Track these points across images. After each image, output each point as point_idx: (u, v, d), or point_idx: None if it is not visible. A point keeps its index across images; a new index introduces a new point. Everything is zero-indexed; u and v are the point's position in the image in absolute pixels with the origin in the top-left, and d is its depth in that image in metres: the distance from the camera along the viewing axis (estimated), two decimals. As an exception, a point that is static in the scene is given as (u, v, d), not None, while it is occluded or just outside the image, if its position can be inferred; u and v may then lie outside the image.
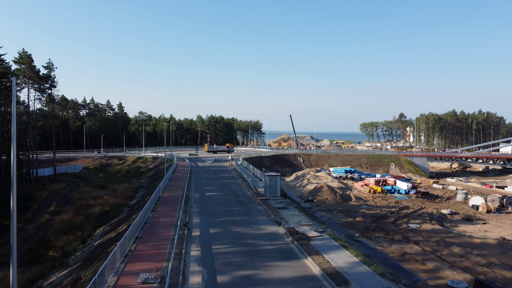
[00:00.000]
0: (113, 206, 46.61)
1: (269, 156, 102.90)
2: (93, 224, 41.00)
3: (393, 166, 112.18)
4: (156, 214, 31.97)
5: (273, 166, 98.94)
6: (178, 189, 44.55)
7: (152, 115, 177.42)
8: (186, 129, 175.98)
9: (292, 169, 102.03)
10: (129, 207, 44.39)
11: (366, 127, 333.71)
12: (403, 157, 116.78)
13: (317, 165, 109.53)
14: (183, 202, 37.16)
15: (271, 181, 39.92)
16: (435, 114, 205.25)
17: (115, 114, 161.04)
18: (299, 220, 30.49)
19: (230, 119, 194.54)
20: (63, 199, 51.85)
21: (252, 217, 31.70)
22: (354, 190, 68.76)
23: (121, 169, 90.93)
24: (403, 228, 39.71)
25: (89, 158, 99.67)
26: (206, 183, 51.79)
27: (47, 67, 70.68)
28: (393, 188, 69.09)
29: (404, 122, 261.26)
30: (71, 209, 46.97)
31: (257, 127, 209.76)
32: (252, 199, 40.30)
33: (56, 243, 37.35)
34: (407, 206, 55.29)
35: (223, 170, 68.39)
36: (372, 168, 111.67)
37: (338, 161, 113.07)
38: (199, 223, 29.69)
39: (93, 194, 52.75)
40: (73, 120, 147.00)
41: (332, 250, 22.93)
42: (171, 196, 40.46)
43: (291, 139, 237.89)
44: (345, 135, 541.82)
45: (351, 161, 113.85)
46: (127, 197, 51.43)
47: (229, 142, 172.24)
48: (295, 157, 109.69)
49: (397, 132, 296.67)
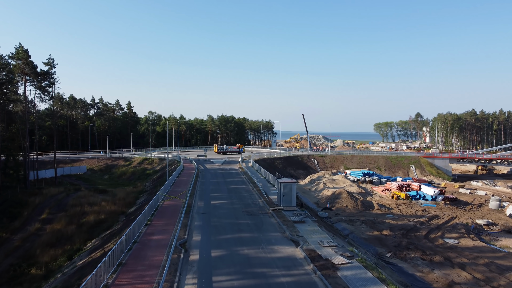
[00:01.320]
0: (109, 214, 42.05)
1: (281, 158, 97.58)
2: (85, 236, 36.44)
3: (413, 169, 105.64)
4: (150, 229, 27.07)
5: (286, 168, 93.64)
6: (181, 197, 39.67)
7: (162, 115, 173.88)
8: (196, 129, 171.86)
9: (306, 172, 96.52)
10: (127, 216, 39.73)
11: (380, 127, 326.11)
12: (424, 158, 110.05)
13: (332, 167, 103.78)
14: (183, 213, 32.22)
15: (285, 188, 34.70)
16: (454, 114, 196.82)
17: (124, 114, 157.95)
18: (321, 239, 25.22)
19: (241, 119, 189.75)
20: (58, 205, 47.59)
21: (264, 234, 26.55)
22: (375, 196, 62.94)
23: (127, 171, 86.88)
24: (440, 245, 33.99)
25: (95, 159, 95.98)
26: (213, 189, 46.82)
27: (48, 64, 66.75)
28: (418, 194, 63.05)
29: (421, 122, 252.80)
30: (65, 217, 42.59)
31: (268, 127, 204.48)
32: (263, 209, 35.15)
33: (41, 258, 32.90)
34: (436, 215, 49.37)
35: (232, 174, 63.39)
36: (390, 170, 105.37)
37: (355, 163, 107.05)
38: (199, 242, 24.67)
39: (90, 200, 48.36)
40: (82, 120, 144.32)
41: (367, 286, 17.61)
42: (171, 205, 35.60)
43: (303, 139, 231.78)
44: (358, 135, 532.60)
45: (368, 163, 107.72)
46: (126, 204, 46.85)
47: (240, 142, 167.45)
48: (309, 158, 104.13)
49: (413, 132, 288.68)
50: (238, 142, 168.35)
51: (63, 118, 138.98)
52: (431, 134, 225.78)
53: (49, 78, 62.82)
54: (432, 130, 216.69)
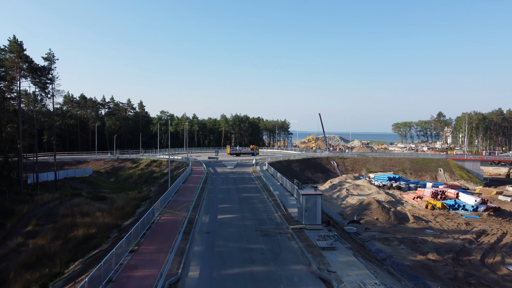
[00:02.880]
0: (101, 228, 36.26)
1: (298, 160, 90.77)
2: (69, 256, 30.65)
3: (441, 172, 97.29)
4: (135, 259, 20.90)
5: (303, 172, 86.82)
6: (182, 210, 33.50)
7: (174, 115, 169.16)
8: (209, 129, 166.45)
9: (325, 175, 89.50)
10: (120, 231, 33.80)
11: (399, 127, 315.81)
12: (453, 161, 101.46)
13: (353, 170, 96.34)
14: (182, 233, 25.98)
15: (308, 202, 28.09)
16: (479, 113, 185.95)
17: (136, 114, 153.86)
18: (360, 277, 18.54)
19: (256, 119, 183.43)
20: (48, 215, 42.17)
21: (283, 267, 20.04)
22: (407, 205, 55.54)
23: (133, 173, 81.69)
24: (506, 276, 26.79)
25: (101, 160, 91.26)
26: (222, 198, 40.54)
27: (47, 59, 61.95)
28: (456, 203, 55.36)
29: (443, 122, 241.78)
30: (52, 230, 37.05)
31: (284, 127, 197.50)
32: (281, 227, 28.63)
33: (13, 284, 27.30)
34: (484, 231, 41.81)
35: (245, 179, 57.04)
36: (417, 174, 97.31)
37: (377, 165, 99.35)
38: (197, 281, 18.32)
39: (84, 209, 42.80)
40: (93, 120, 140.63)
41: None
42: (169, 221, 29.43)
43: (319, 140, 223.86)
44: (375, 135, 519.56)
45: (392, 165, 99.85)
46: (124, 215, 41.04)
47: (254, 143, 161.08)
48: (328, 160, 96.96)
49: (432, 133, 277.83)
50: (253, 142, 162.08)
51: (73, 118, 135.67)
52: (454, 135, 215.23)
53: (46, 73, 57.71)
54: (455, 130, 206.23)
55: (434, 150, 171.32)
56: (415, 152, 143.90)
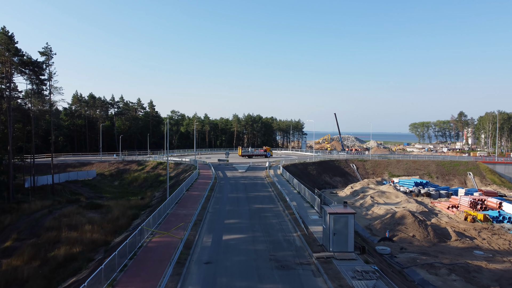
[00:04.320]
0: (87, 246, 30.72)
1: (315, 163, 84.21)
2: (41, 284, 25.15)
3: (471, 176, 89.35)
4: (103, 309, 15.08)
5: (321, 175, 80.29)
6: (179, 229, 27.65)
7: (185, 114, 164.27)
8: (221, 130, 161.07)
9: (344, 179, 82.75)
10: (107, 251, 28.18)
11: (416, 127, 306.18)
12: (483, 164, 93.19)
13: (374, 173, 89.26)
14: (173, 263, 20.07)
15: (337, 223, 21.88)
16: (504, 113, 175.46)
17: (146, 113, 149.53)
18: None
19: (269, 119, 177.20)
20: (32, 227, 36.99)
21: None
22: (442, 216, 48.54)
23: (139, 176, 76.61)
24: None
25: (106, 162, 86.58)
26: (230, 211, 34.57)
27: (44, 53, 57.19)
28: (500, 214, 48.08)
29: (464, 122, 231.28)
30: (31, 247, 31.72)
31: (298, 127, 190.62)
32: (302, 254, 22.49)
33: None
34: (544, 251, 34.74)
35: (257, 185, 50.98)
36: (444, 178, 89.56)
37: (400, 168, 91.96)
38: None
39: (74, 221, 37.47)
40: (102, 120, 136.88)
41: None
42: (161, 244, 23.60)
43: (334, 140, 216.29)
44: (390, 135, 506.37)
45: (416, 168, 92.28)
46: (117, 228, 35.45)
47: (267, 143, 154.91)
48: (346, 163, 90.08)
49: (451, 133, 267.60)
50: (265, 143, 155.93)
51: (81, 117, 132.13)
52: (476, 135, 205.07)
53: (40, 68, 52.82)
54: (477, 130, 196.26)
55: (455, 151, 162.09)
56: (439, 154, 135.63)
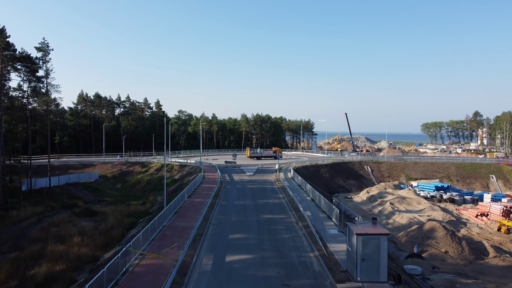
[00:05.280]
0: (72, 262, 26.84)
1: (328, 165, 79.65)
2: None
3: (494, 179, 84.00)
4: None
5: (334, 178, 75.75)
6: (171, 251, 23.57)
7: (193, 114, 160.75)
8: (229, 130, 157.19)
9: (358, 182, 78.09)
10: (93, 271, 24.29)
11: (429, 127, 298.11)
12: (506, 166, 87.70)
13: (390, 176, 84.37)
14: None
15: (367, 247, 17.59)
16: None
17: (153, 113, 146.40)
18: None
19: (278, 118, 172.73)
20: (17, 238, 33.38)
21: None
22: (472, 226, 43.65)
23: (142, 179, 73.00)
24: None
25: (109, 164, 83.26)
26: (235, 223, 30.41)
27: (41, 49, 53.82)
28: (537, 224, 43.04)
29: (479, 122, 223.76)
30: (12, 262, 28.00)
31: (308, 127, 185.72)
32: (321, 284, 18.20)
33: None
34: None
35: (266, 190, 46.75)
36: (464, 181, 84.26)
37: (418, 171, 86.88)
38: None
39: (63, 231, 33.78)
40: (108, 120, 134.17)
41: None
42: (151, 269, 19.53)
43: (344, 141, 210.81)
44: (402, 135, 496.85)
45: (435, 171, 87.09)
46: (109, 240, 31.54)
47: (276, 144, 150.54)
48: (361, 165, 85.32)
49: (464, 133, 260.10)
50: (275, 143, 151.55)
51: (87, 117, 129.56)
52: (492, 135, 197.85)
53: (32, 63, 49.37)
54: (493, 130, 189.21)
55: (470, 152, 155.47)
56: (455, 155, 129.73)
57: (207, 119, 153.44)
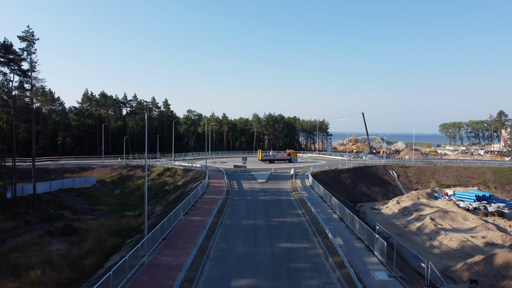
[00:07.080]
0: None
1: (349, 170, 71.11)
2: None
3: (537, 186, 73.99)
4: None
5: (356, 185, 67.24)
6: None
7: (202, 114, 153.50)
8: (240, 130, 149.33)
9: (384, 189, 69.40)
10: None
11: (447, 128, 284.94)
12: (550, 171, 77.69)
13: (418, 182, 75.37)
14: None
15: None
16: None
17: (161, 113, 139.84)
18: None
19: (291, 118, 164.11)
20: (-35, 268, 26.19)
21: None
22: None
23: (142, 184, 65.82)
24: None
25: (108, 167, 76.44)
26: (241, 256, 22.47)
27: (24, 38, 47.08)
28: None
29: (503, 122, 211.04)
30: None
31: (323, 127, 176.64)
32: None
33: None
34: None
35: (282, 204, 38.71)
36: (504, 188, 74.74)
37: (450, 176, 77.60)
38: None
39: (23, 259, 26.48)
40: (115, 120, 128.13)
41: None
42: None
43: (360, 142, 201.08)
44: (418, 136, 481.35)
45: (469, 177, 77.67)
46: (76, 276, 23.98)
47: (290, 145, 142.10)
48: (385, 170, 76.51)
49: (485, 134, 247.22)
50: (288, 145, 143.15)
51: (92, 117, 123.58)
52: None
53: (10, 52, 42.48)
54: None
55: (493, 154, 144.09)
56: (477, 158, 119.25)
57: (217, 119, 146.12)
